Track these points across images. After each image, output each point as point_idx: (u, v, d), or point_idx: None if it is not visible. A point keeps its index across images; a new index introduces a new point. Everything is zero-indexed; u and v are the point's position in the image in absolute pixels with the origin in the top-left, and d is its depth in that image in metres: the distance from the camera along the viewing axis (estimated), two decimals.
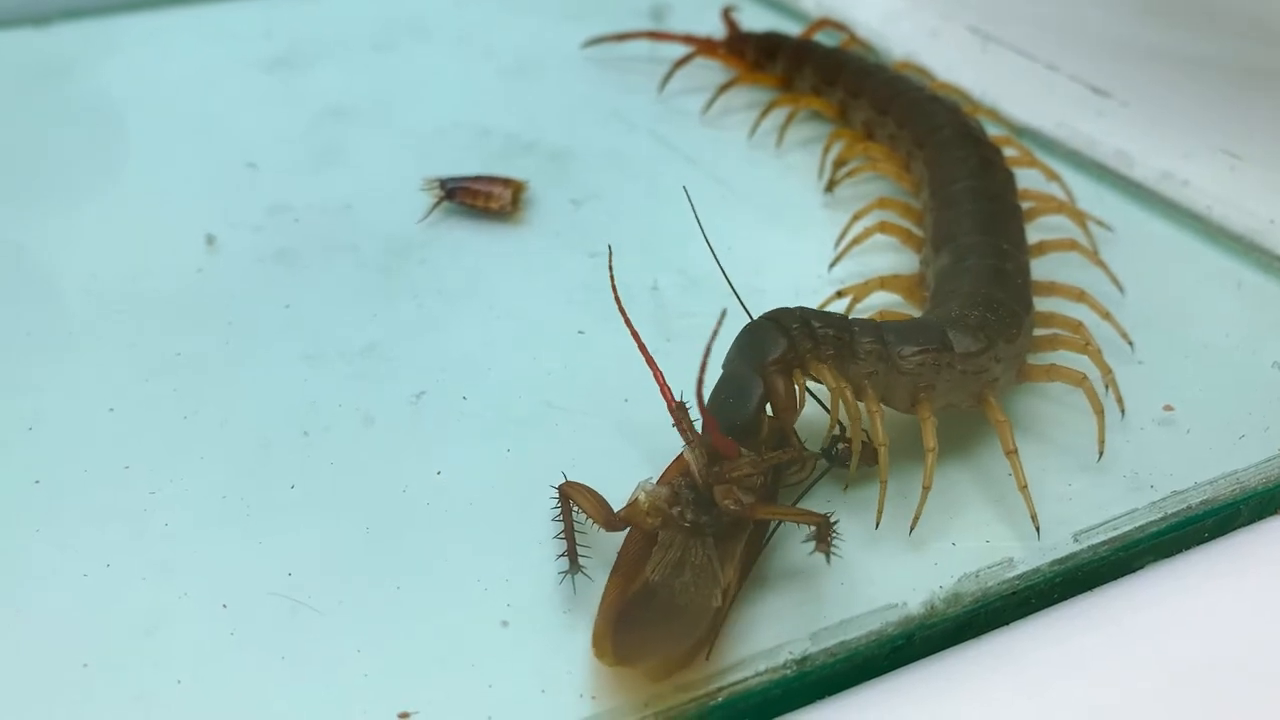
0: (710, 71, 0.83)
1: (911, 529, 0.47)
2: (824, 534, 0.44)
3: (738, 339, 0.47)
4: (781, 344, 0.46)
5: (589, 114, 0.80)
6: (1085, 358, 0.54)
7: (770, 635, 0.43)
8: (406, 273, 0.64)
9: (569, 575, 0.45)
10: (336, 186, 0.71)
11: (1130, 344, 0.58)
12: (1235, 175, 0.70)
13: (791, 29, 0.85)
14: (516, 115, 0.79)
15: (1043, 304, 0.57)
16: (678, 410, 0.45)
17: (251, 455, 0.51)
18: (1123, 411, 0.54)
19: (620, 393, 0.54)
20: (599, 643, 0.42)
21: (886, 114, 0.72)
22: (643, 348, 0.45)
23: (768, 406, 0.46)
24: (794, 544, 0.47)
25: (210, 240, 0.65)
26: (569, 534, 0.46)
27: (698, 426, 0.44)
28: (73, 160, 0.73)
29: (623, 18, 0.90)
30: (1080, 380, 0.52)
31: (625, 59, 0.86)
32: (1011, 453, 0.48)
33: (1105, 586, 0.47)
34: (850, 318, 0.49)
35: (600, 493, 0.45)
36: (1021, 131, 0.78)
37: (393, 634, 0.44)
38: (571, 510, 0.46)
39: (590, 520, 0.45)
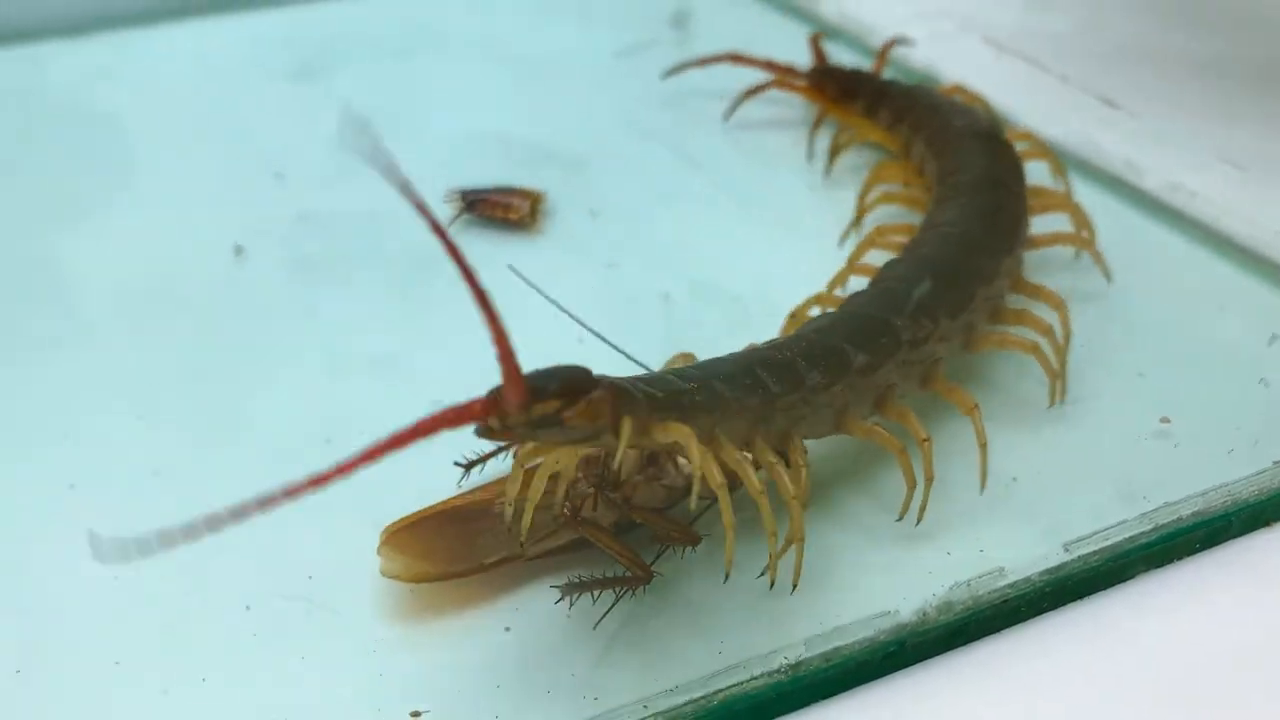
0: (734, 79, 0.81)
1: (919, 520, 0.48)
2: (629, 584, 0.45)
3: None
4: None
5: (608, 123, 0.82)
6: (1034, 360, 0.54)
7: (766, 640, 0.45)
8: (428, 284, 0.65)
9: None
10: (361, 197, 0.72)
11: (1061, 394, 0.56)
12: (1242, 187, 0.71)
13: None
14: (537, 124, 0.80)
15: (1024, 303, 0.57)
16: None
17: (275, 461, 0.53)
18: (1062, 399, 0.55)
19: None
20: (390, 529, 0.47)
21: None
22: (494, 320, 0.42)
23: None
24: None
25: (238, 251, 0.67)
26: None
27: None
28: (102, 174, 0.75)
29: (642, 24, 0.92)
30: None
31: (649, 69, 0.86)
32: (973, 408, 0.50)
33: (1095, 595, 0.47)
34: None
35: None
36: None
37: (406, 635, 0.46)
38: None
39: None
